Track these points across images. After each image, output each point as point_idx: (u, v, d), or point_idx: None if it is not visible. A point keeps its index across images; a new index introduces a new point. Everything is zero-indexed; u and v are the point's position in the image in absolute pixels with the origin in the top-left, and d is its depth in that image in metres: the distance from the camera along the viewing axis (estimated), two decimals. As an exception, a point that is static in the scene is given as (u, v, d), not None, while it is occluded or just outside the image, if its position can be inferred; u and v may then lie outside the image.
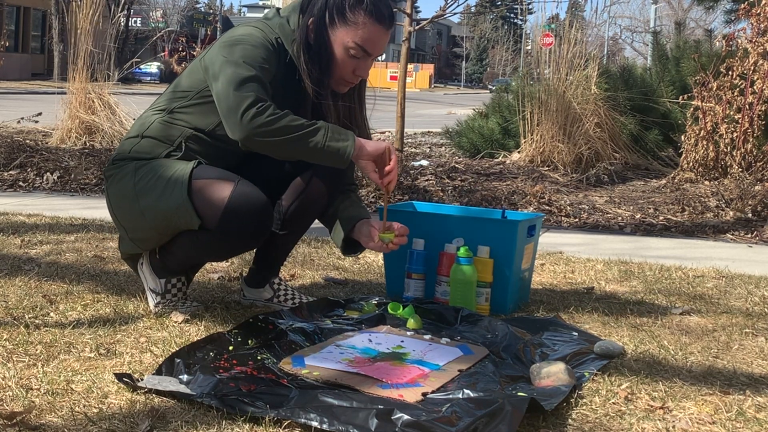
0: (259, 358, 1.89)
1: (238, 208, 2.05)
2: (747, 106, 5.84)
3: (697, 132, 5.98)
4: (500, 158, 7.20)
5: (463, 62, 68.84)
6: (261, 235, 2.14)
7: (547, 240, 3.73)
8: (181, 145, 2.18)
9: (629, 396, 1.77)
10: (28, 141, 6.78)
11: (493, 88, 11.27)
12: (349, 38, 2.14)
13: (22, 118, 7.96)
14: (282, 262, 2.51)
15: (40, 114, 7.86)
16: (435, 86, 55.10)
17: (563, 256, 3.41)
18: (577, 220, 4.55)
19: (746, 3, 6.03)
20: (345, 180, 2.39)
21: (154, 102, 2.30)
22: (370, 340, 2.07)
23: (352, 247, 2.38)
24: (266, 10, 2.38)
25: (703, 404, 1.75)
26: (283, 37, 2.17)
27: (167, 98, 2.25)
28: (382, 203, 2.33)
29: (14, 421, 1.49)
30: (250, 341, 2.00)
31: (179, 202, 2.08)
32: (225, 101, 2.03)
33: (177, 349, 1.91)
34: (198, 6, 57.77)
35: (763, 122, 5.86)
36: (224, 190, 2.06)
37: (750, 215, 4.66)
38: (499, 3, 71.06)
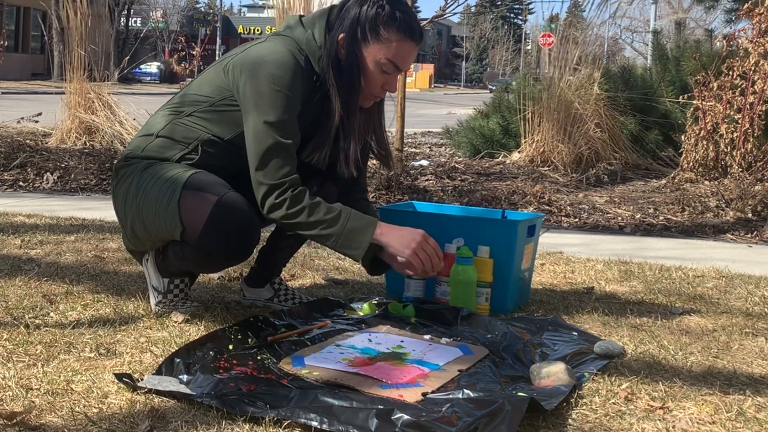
0: (259, 358, 1.89)
1: (218, 227, 2.02)
2: (747, 106, 5.84)
3: (697, 132, 5.98)
4: (500, 158, 7.21)
5: (463, 62, 68.81)
6: (241, 254, 2.11)
7: (547, 240, 3.73)
8: (197, 148, 2.16)
9: (629, 396, 1.77)
10: (28, 141, 6.77)
11: (494, 88, 11.27)
12: (381, 54, 2.11)
13: (22, 118, 7.96)
14: (285, 263, 2.51)
15: (40, 114, 7.86)
16: (435, 86, 55.08)
17: (563, 256, 3.41)
18: (577, 220, 4.55)
19: (749, 2, 6.03)
20: (359, 187, 2.38)
21: (167, 102, 2.28)
22: (370, 340, 2.07)
23: (378, 267, 2.26)
24: (288, 17, 2.32)
25: (703, 404, 1.75)
26: (310, 55, 2.14)
27: (181, 101, 2.22)
28: (383, 204, 2.31)
29: (14, 421, 1.49)
30: (249, 340, 2.00)
31: (168, 213, 2.06)
32: (252, 169, 2.09)
33: (177, 348, 1.91)
34: (198, 6, 57.80)
35: (764, 122, 5.86)
36: (206, 206, 2.02)
37: (750, 215, 4.66)
38: (499, 3, 71.06)
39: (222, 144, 2.17)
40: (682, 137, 6.18)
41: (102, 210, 4.08)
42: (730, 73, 5.92)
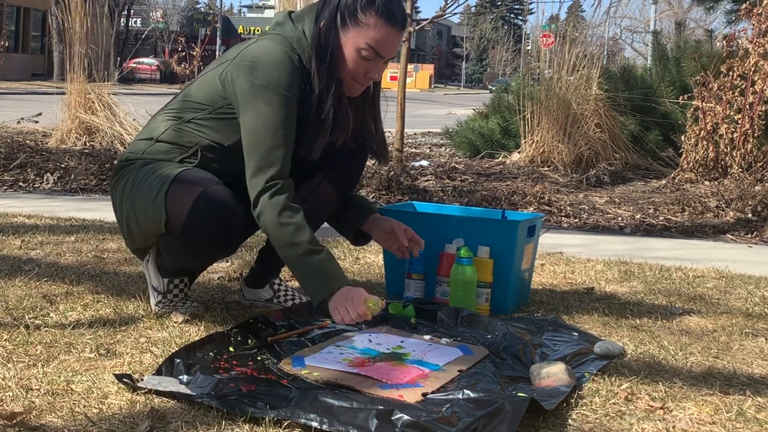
0: (259, 358, 1.89)
1: (199, 215, 2.02)
2: (747, 107, 5.84)
3: (697, 132, 5.98)
4: (500, 158, 7.21)
5: (463, 62, 68.82)
6: (225, 244, 2.11)
7: (547, 240, 3.73)
8: (197, 153, 2.17)
9: (629, 396, 1.77)
10: (28, 141, 6.78)
11: (494, 88, 11.27)
12: (360, 39, 2.10)
13: (22, 119, 7.96)
14: (284, 264, 2.50)
15: (40, 114, 7.86)
16: (435, 86, 55.03)
17: (563, 257, 3.41)
18: (577, 220, 4.55)
19: (748, 2, 6.03)
20: (354, 186, 2.40)
21: (165, 106, 2.27)
22: (370, 341, 2.07)
23: (361, 237, 2.43)
24: (275, 13, 2.33)
25: (703, 404, 1.75)
26: (302, 53, 2.14)
27: (179, 106, 2.22)
28: (383, 204, 2.32)
29: (14, 421, 1.49)
30: (249, 341, 2.00)
31: (155, 204, 2.07)
32: (249, 168, 2.05)
33: (177, 349, 1.91)
34: (198, 6, 57.79)
35: (764, 122, 5.87)
36: (191, 196, 2.03)
37: (750, 215, 4.66)
38: (499, 3, 71.05)
39: (221, 150, 2.18)
40: (682, 137, 6.18)
41: (102, 210, 4.07)
42: (730, 73, 5.92)
